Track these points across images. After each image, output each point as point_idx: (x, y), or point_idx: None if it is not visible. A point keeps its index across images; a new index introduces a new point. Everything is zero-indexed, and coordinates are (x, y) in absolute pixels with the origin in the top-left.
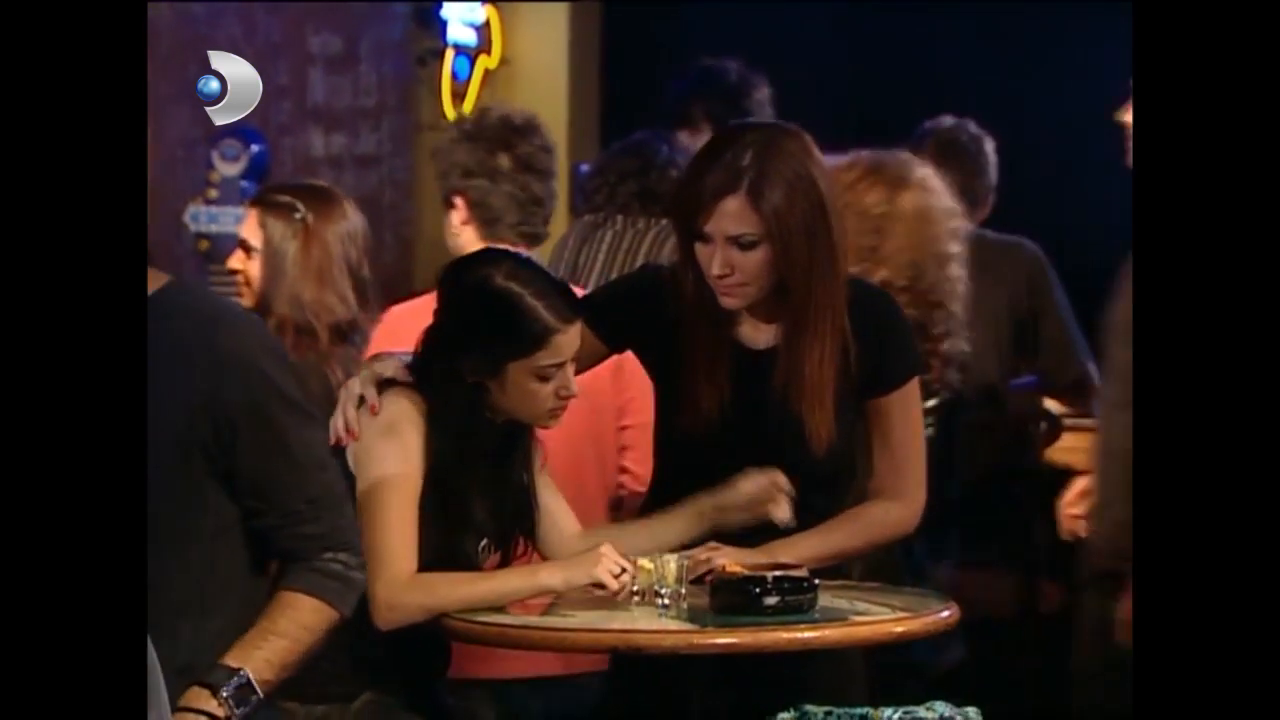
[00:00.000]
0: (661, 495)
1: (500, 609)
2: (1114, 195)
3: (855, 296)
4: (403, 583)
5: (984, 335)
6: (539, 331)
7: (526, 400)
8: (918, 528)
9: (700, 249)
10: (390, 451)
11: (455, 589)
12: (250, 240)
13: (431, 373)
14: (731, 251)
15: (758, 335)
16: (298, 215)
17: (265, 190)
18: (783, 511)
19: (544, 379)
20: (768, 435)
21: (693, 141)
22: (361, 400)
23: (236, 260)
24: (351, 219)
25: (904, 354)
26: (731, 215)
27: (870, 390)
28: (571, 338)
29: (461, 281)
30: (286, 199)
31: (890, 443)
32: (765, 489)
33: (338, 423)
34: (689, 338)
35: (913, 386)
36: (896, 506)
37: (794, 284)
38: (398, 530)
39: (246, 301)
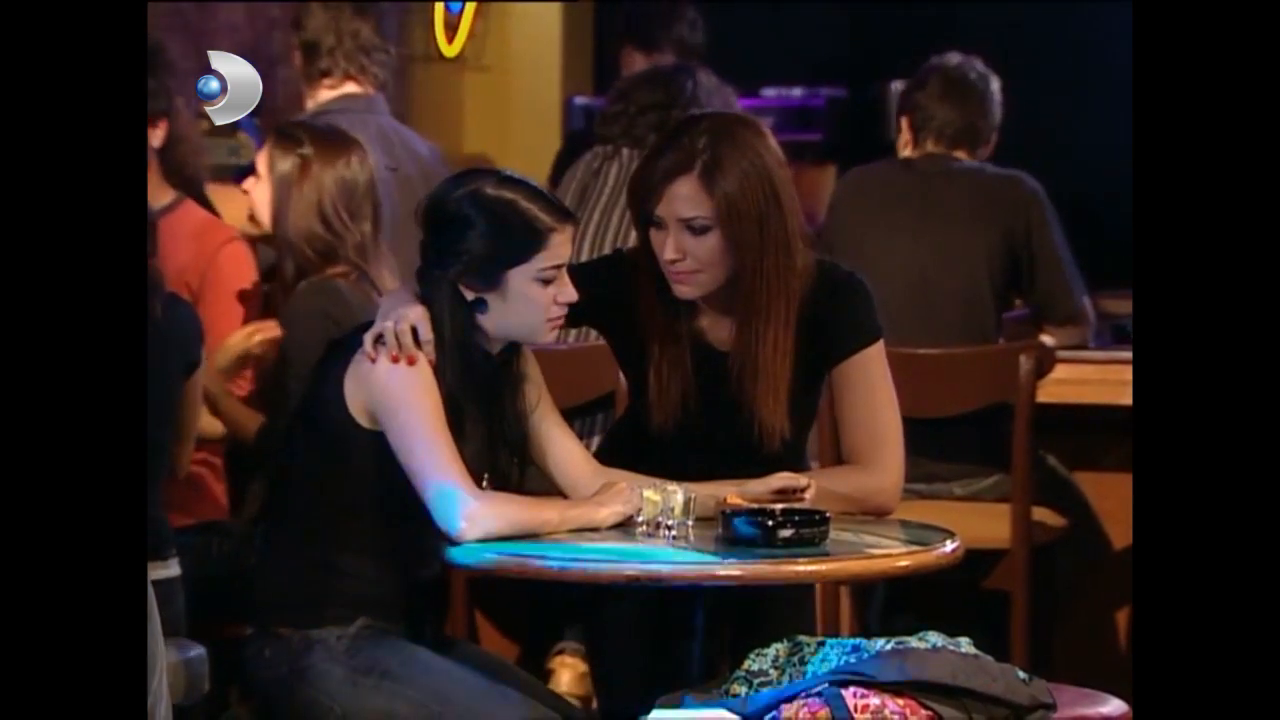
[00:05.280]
0: (620, 448)
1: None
2: (1118, 132)
3: (822, 277)
4: (483, 495)
5: (980, 268)
6: (537, 232)
7: (528, 309)
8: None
9: (654, 235)
10: (424, 374)
11: (524, 510)
12: (260, 167)
13: (432, 300)
14: (684, 236)
15: (720, 334)
16: (300, 151)
17: (283, 124)
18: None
19: (545, 283)
20: (723, 433)
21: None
22: (415, 334)
23: (248, 183)
24: (353, 168)
25: (858, 322)
26: (683, 198)
27: (827, 360)
28: (567, 239)
29: (452, 200)
30: (297, 135)
31: (853, 411)
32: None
33: (391, 343)
34: (648, 329)
35: (871, 356)
36: (869, 474)
37: (745, 271)
38: (454, 450)
39: (250, 227)
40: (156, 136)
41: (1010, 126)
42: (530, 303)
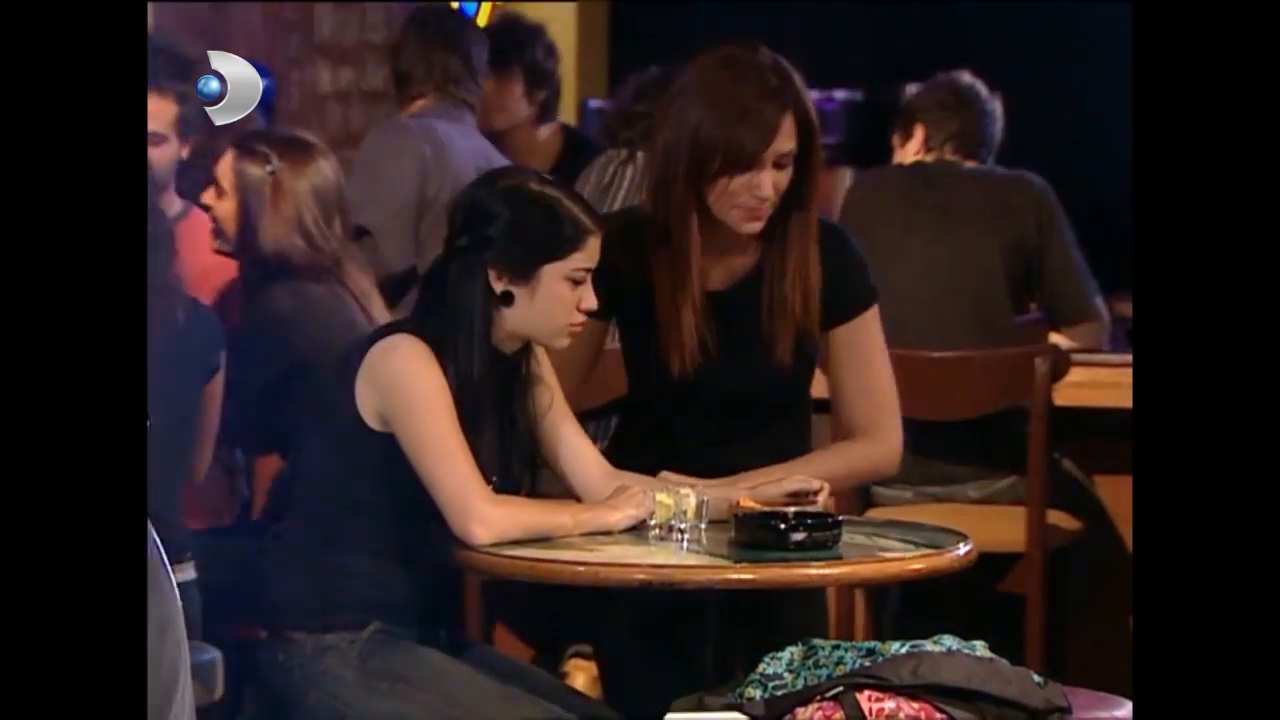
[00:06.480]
0: (627, 441)
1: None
2: (1129, 132)
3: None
4: (497, 499)
5: (995, 269)
6: (576, 232)
7: (554, 308)
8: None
9: (735, 182)
10: (437, 377)
11: (538, 513)
12: (222, 182)
13: (460, 286)
14: (774, 172)
15: (725, 275)
16: (269, 168)
17: (244, 136)
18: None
19: (574, 283)
20: (742, 370)
21: None
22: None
23: (208, 197)
24: (324, 173)
25: (856, 285)
26: (785, 132)
27: (827, 321)
28: (599, 245)
29: (493, 192)
30: (262, 149)
31: (853, 378)
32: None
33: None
34: (668, 280)
35: (868, 320)
36: (872, 445)
37: (809, 188)
38: (468, 453)
39: (219, 244)
40: (185, 150)
41: (1020, 126)
42: (557, 302)
